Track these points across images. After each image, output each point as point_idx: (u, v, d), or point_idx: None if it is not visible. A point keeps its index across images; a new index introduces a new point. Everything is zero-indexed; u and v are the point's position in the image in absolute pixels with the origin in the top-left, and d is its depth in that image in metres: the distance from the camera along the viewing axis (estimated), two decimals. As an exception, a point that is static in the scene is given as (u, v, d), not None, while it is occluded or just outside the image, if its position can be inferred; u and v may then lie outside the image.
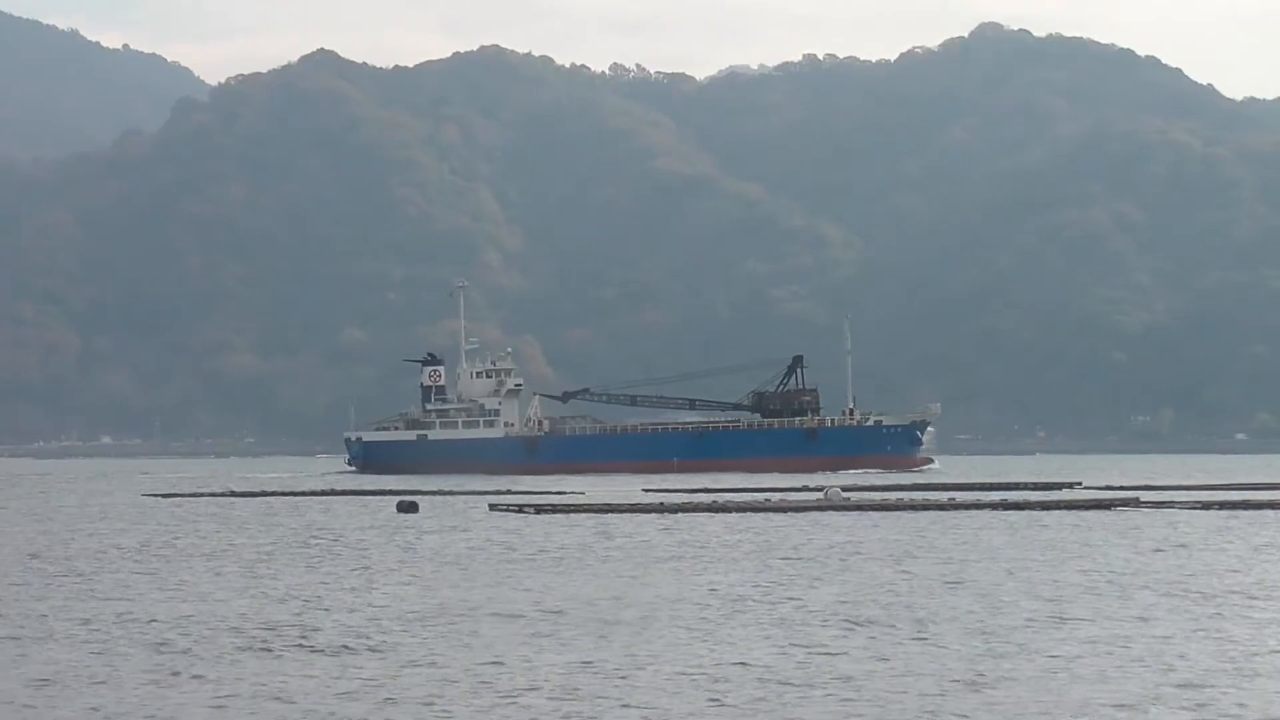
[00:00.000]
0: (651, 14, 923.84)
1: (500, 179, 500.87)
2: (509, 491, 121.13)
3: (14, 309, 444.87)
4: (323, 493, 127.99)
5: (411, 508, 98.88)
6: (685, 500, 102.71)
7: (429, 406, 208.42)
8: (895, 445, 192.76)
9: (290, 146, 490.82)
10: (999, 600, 46.29)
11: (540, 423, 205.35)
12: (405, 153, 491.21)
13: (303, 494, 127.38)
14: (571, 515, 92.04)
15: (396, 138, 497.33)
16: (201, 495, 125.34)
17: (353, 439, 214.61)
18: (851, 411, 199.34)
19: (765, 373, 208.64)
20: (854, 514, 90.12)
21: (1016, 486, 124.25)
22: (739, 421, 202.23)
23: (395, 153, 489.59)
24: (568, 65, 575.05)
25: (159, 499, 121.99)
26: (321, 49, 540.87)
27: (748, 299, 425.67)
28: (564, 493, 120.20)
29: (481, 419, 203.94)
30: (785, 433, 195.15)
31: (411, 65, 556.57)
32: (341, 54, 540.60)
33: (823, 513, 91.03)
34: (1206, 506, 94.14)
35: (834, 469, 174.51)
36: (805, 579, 52.86)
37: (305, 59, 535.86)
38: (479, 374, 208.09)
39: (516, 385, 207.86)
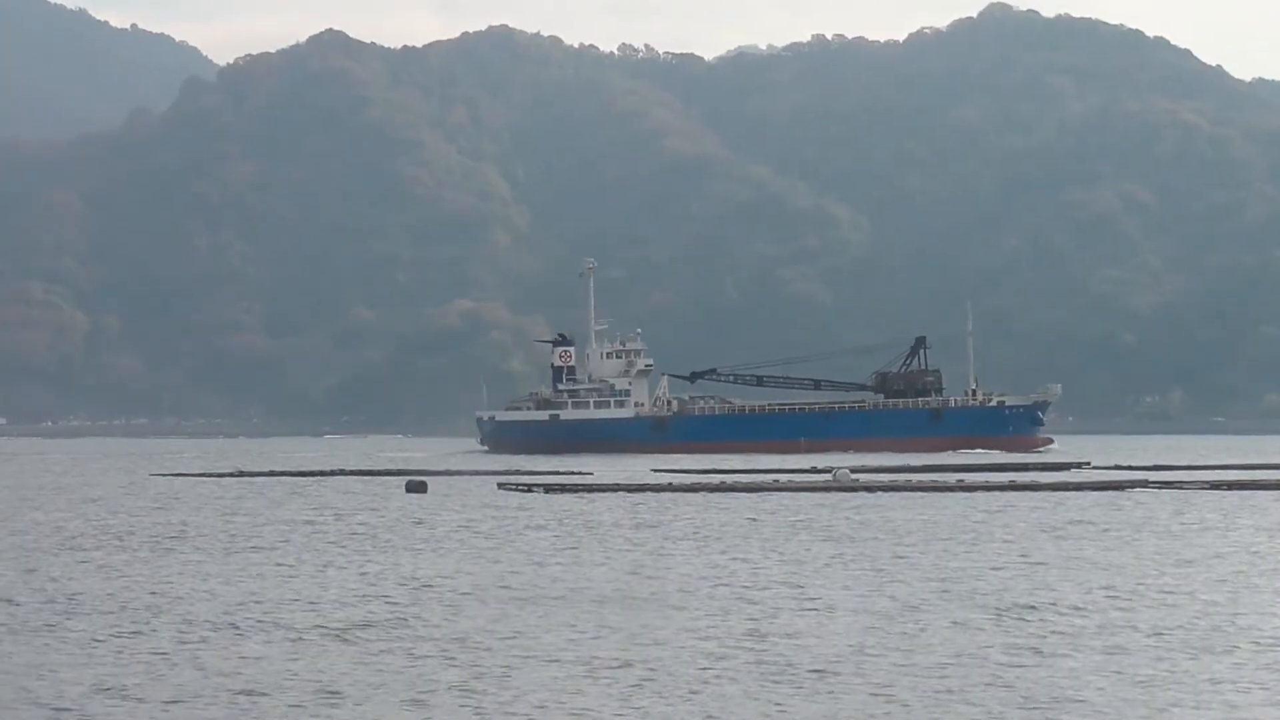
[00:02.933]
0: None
1: (508, 159, 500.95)
2: (517, 472, 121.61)
3: (21, 289, 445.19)
4: (332, 473, 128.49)
5: (420, 488, 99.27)
6: (694, 481, 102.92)
7: (560, 387, 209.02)
8: (1017, 426, 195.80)
9: (298, 127, 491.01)
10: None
11: (669, 403, 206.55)
12: (413, 133, 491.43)
13: (312, 474, 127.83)
14: (581, 495, 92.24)
15: (404, 118, 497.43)
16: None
17: (485, 419, 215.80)
18: (974, 392, 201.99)
19: (886, 354, 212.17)
20: (864, 495, 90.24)
21: (1025, 467, 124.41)
22: (864, 402, 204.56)
23: (403, 133, 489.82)
24: (576, 45, 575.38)
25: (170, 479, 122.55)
26: (330, 29, 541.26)
27: (756, 280, 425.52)
28: (572, 472, 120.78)
29: (612, 399, 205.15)
30: (910, 413, 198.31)
31: (419, 45, 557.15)
32: (350, 34, 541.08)
33: (831, 494, 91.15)
34: (1216, 487, 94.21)
35: (957, 449, 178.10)
36: (836, 559, 52.96)
37: (313, 39, 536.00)
38: (609, 355, 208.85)
39: (647, 366, 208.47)
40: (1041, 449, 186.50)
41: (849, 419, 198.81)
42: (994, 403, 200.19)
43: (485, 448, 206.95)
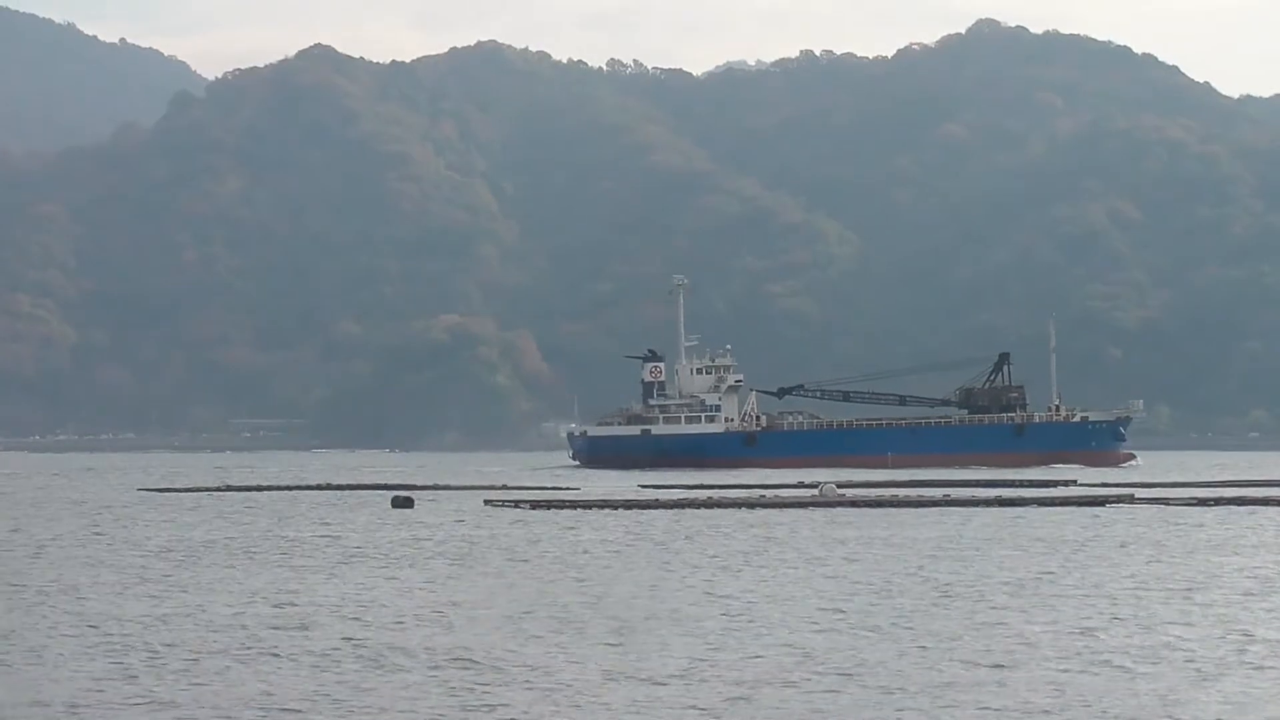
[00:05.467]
0: (646, 7, 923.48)
1: (496, 174, 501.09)
2: (504, 487, 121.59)
3: (9, 302, 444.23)
4: (319, 487, 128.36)
5: (407, 503, 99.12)
6: (681, 496, 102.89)
7: (651, 402, 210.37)
8: (1099, 441, 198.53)
9: (287, 141, 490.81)
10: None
11: (758, 418, 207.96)
12: (401, 147, 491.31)
13: (299, 488, 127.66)
14: (569, 511, 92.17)
15: (393, 133, 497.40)
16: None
17: (576, 433, 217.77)
18: (1058, 408, 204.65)
19: (970, 370, 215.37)
20: (850, 510, 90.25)
21: (1011, 484, 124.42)
22: (949, 417, 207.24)
23: (391, 147, 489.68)
24: (564, 61, 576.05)
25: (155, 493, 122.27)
26: (318, 44, 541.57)
27: (744, 294, 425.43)
28: (559, 488, 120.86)
29: (703, 414, 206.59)
30: (994, 428, 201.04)
31: (408, 60, 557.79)
32: (338, 49, 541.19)
33: (817, 509, 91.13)
34: (1202, 503, 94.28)
35: (1041, 464, 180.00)
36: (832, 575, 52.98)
37: (302, 54, 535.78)
38: (699, 370, 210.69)
39: (737, 381, 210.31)
40: (1124, 464, 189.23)
41: (934, 434, 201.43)
42: (1077, 418, 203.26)
43: (576, 462, 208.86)
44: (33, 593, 49.17)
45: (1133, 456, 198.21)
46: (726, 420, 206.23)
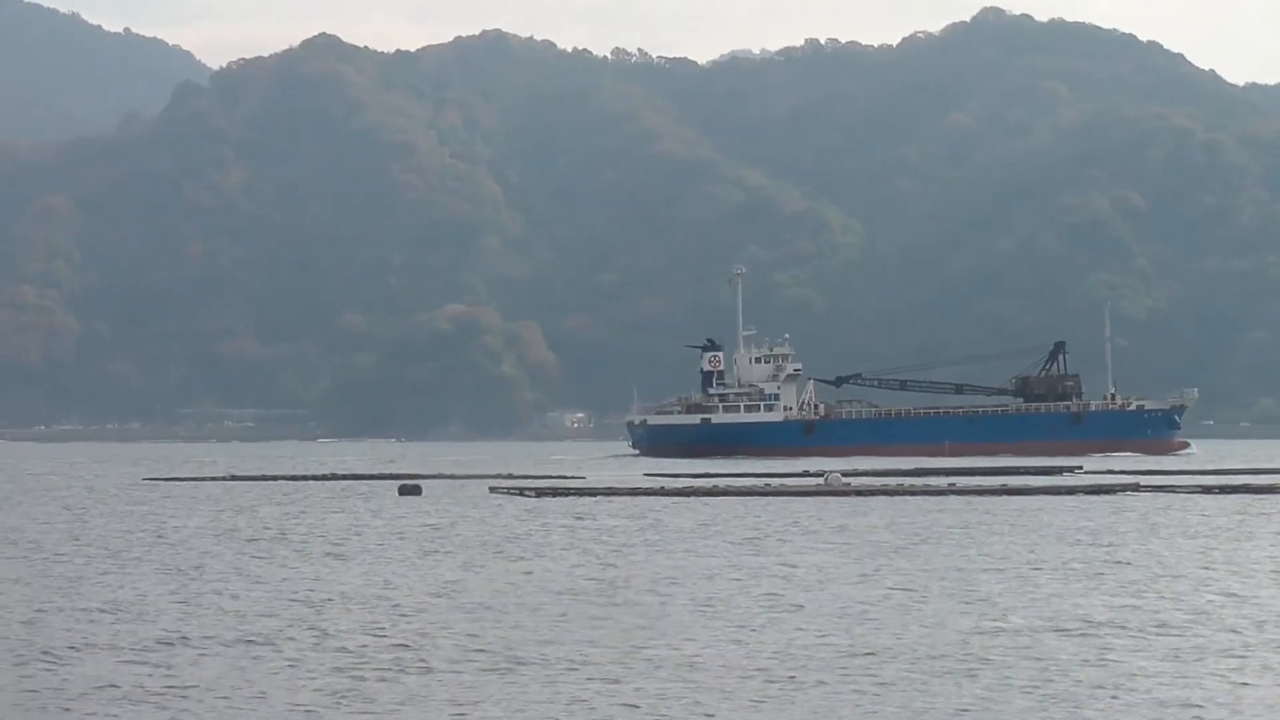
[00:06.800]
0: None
1: (501, 164, 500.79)
2: (510, 475, 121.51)
3: (14, 293, 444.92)
4: (325, 477, 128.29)
5: (414, 490, 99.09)
6: (686, 485, 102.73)
7: (710, 391, 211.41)
8: (1155, 429, 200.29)
9: (291, 131, 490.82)
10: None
11: (816, 406, 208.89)
12: (406, 137, 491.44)
13: (305, 478, 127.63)
14: (576, 499, 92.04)
15: (397, 122, 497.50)
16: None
17: (636, 422, 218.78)
18: (1114, 396, 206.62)
19: (1026, 359, 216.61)
20: (855, 499, 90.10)
21: (1017, 471, 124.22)
22: (1007, 406, 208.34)
23: (396, 137, 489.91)
24: (569, 50, 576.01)
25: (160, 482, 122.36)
26: (323, 33, 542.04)
27: (749, 284, 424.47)
28: (565, 476, 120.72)
29: (762, 403, 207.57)
30: (1050, 416, 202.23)
31: (413, 49, 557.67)
32: (343, 38, 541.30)
33: (823, 498, 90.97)
34: (1207, 491, 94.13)
35: (1097, 452, 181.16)
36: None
37: (307, 43, 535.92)
38: (758, 359, 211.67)
39: (795, 370, 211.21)
40: (1179, 452, 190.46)
41: (991, 422, 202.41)
42: (1133, 406, 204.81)
43: (636, 451, 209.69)
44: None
45: (1187, 444, 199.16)
46: (785, 409, 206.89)
